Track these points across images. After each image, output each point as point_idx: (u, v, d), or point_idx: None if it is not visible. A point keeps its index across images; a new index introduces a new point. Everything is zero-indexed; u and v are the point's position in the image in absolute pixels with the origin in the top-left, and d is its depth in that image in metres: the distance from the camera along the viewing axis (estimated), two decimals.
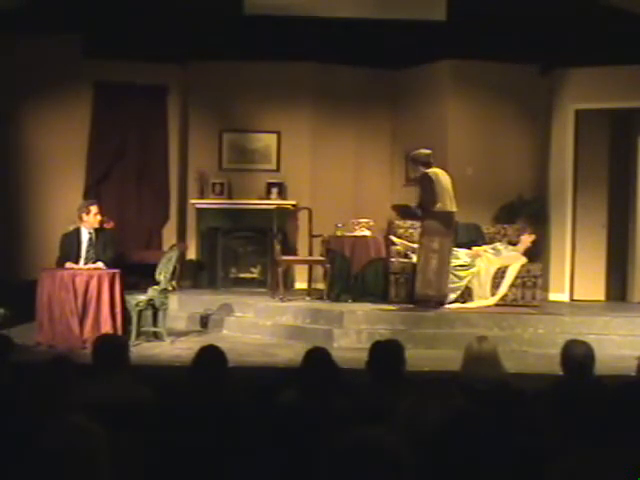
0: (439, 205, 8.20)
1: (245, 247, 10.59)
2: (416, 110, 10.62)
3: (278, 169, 10.55)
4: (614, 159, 10.31)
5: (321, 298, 8.86)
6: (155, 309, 7.96)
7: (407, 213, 8.81)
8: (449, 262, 8.41)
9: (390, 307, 8.34)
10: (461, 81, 10.25)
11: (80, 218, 7.89)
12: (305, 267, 9.93)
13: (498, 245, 9.24)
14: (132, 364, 4.51)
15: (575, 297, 10.16)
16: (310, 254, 9.76)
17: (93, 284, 7.47)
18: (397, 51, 10.07)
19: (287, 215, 10.13)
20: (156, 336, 7.90)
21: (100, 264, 7.73)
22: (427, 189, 8.25)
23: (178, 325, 8.65)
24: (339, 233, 9.11)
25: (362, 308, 8.21)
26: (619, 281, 10.27)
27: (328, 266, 8.90)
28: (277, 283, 9.12)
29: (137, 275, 8.73)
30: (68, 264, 7.71)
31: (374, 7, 9.12)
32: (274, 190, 10.33)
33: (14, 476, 2.43)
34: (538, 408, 3.72)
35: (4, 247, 9.75)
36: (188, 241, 10.38)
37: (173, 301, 8.69)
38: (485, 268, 8.78)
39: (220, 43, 9.74)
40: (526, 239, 9.25)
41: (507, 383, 4.15)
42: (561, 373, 4.22)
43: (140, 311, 7.79)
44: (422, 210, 8.31)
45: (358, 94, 10.66)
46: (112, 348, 4.19)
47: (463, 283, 8.64)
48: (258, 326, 8.39)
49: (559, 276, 10.16)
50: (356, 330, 7.72)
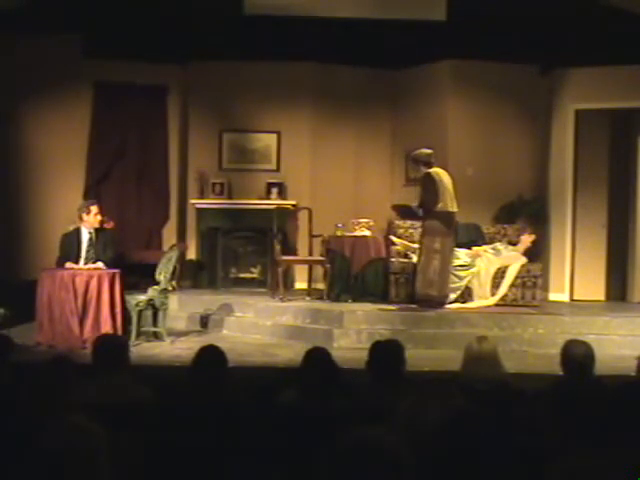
0: (440, 205, 8.19)
1: (245, 247, 10.59)
2: (416, 110, 10.62)
3: (278, 169, 10.55)
4: (614, 159, 10.31)
5: (321, 298, 8.86)
6: (155, 309, 7.96)
7: (407, 213, 8.80)
8: (451, 262, 8.42)
9: (390, 307, 8.34)
10: (461, 81, 10.25)
11: (80, 218, 7.89)
12: (305, 267, 9.93)
13: (498, 245, 9.24)
14: (132, 364, 4.51)
15: (575, 297, 10.15)
16: (310, 254, 9.76)
17: (93, 284, 7.47)
18: (397, 51, 10.07)
19: (287, 215, 10.13)
20: (156, 336, 7.90)
21: (100, 264, 7.73)
22: (429, 189, 8.25)
23: (178, 325, 8.65)
24: (339, 233, 9.11)
25: (362, 308, 8.21)
26: (619, 281, 10.26)
27: (328, 266, 8.89)
28: (277, 283, 9.12)
29: (137, 275, 8.73)
30: (68, 264, 7.71)
31: (374, 7, 9.12)
32: (274, 190, 10.33)
33: (14, 476, 2.43)
34: (538, 408, 3.72)
35: (4, 247, 9.75)
36: (188, 241, 10.38)
37: (173, 301, 8.69)
38: (485, 268, 8.77)
39: (220, 43, 9.74)
40: (526, 239, 9.25)
41: (507, 383, 4.15)
42: (561, 373, 4.22)
43: (140, 311, 7.79)
44: (423, 210, 8.31)
45: (358, 94, 10.66)
46: (112, 348, 4.19)
47: (463, 283, 8.64)
48: (258, 326, 8.39)
49: (559, 276, 10.16)
50: (356, 330, 7.72)
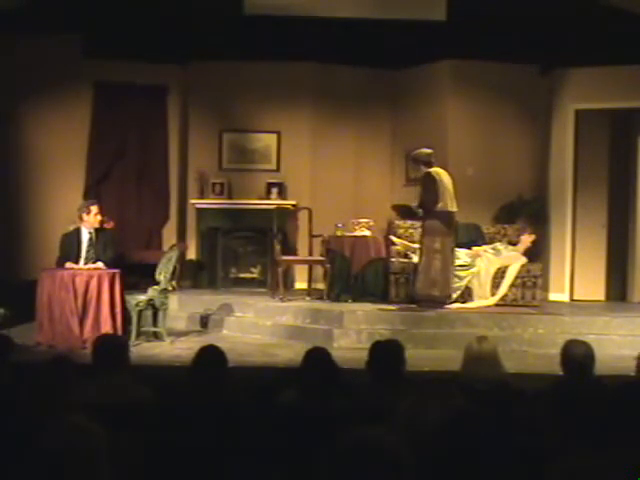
0: (440, 205, 8.19)
1: (245, 247, 10.59)
2: (416, 110, 10.62)
3: (278, 169, 10.55)
4: (614, 159, 10.31)
5: (321, 298, 8.86)
6: (155, 309, 7.95)
7: (407, 213, 8.80)
8: (452, 262, 8.42)
9: (390, 307, 8.33)
10: (461, 81, 10.25)
11: (80, 218, 7.89)
12: (305, 267, 9.93)
13: (498, 245, 9.24)
14: (132, 364, 4.51)
15: (575, 297, 10.15)
16: (310, 254, 9.76)
17: (93, 284, 7.47)
18: (397, 51, 10.07)
19: (287, 215, 10.13)
20: (156, 336, 7.90)
21: (100, 264, 7.73)
22: (429, 188, 8.25)
23: (178, 325, 8.65)
24: (339, 233, 9.11)
25: (362, 308, 8.21)
26: (619, 281, 10.26)
27: (328, 266, 8.89)
28: (277, 283, 9.12)
29: (137, 275, 8.74)
30: (68, 264, 7.71)
31: (374, 7, 9.11)
32: (274, 190, 10.33)
33: (14, 476, 2.43)
34: (538, 408, 3.72)
35: (4, 247, 9.75)
36: (188, 241, 10.38)
37: (173, 301, 8.69)
38: (485, 268, 8.77)
39: (220, 43, 9.74)
40: (526, 239, 9.25)
41: (507, 383, 4.15)
42: (561, 373, 4.22)
43: (140, 311, 7.79)
44: (423, 210, 8.30)
45: (358, 94, 10.66)
46: (112, 348, 4.19)
47: (463, 283, 8.63)
48: (258, 326, 8.39)
49: (559, 276, 10.16)
50: (356, 330, 7.72)
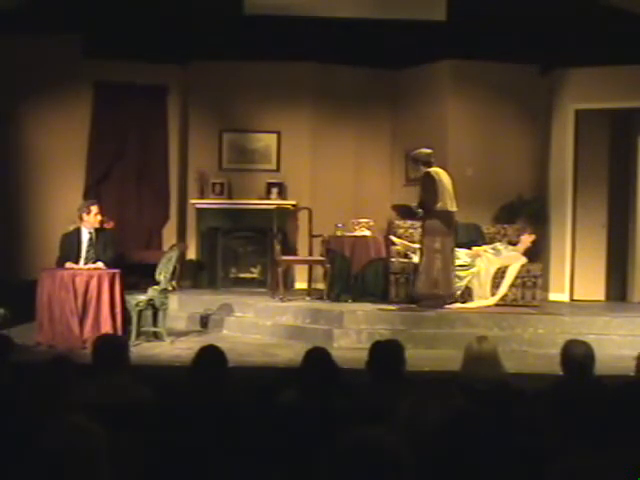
0: (440, 204, 8.20)
1: (245, 247, 10.59)
2: (416, 110, 10.62)
3: (278, 169, 10.55)
4: (614, 159, 10.31)
5: (321, 298, 8.86)
6: (155, 309, 7.95)
7: (407, 213, 8.80)
8: (453, 262, 8.42)
9: (390, 307, 8.33)
10: (461, 81, 10.25)
11: (80, 218, 7.89)
12: (305, 267, 9.93)
13: (498, 245, 9.24)
14: (132, 364, 4.51)
15: (575, 297, 10.15)
16: (310, 254, 9.76)
17: (93, 284, 7.47)
18: (397, 51, 10.07)
19: (287, 215, 10.13)
20: (156, 336, 7.90)
21: (100, 264, 7.73)
22: (428, 188, 8.25)
23: (178, 325, 8.65)
24: (339, 233, 9.11)
25: (362, 308, 8.21)
26: (619, 281, 10.26)
27: (328, 266, 8.89)
28: (277, 283, 9.12)
29: (137, 275, 8.74)
30: (68, 264, 7.71)
31: (374, 7, 9.11)
32: (274, 190, 10.33)
33: (14, 476, 2.43)
34: (538, 408, 3.72)
35: (4, 247, 9.75)
36: (188, 241, 10.38)
37: (173, 301, 8.69)
38: (485, 268, 8.77)
39: (220, 43, 9.74)
40: (526, 239, 9.25)
41: (507, 383, 4.15)
42: (561, 373, 4.22)
43: (140, 311, 7.79)
44: (423, 210, 8.31)
45: (358, 94, 10.66)
46: (112, 348, 4.19)
47: (463, 283, 8.63)
48: (258, 326, 8.39)
49: (559, 276, 10.16)
50: (356, 330, 7.72)
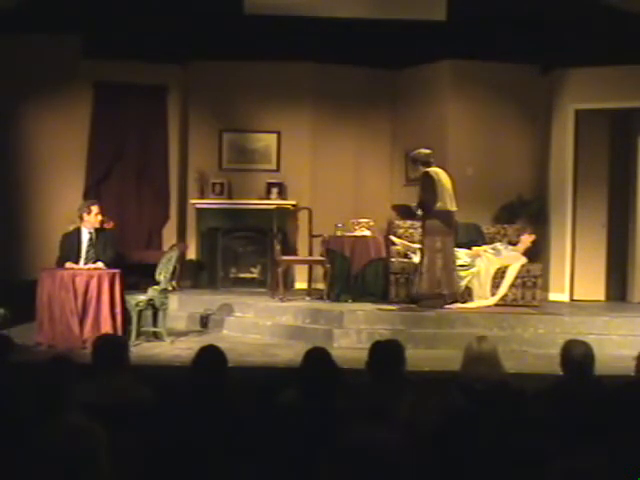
0: (439, 204, 8.20)
1: (245, 247, 10.59)
2: (416, 110, 10.62)
3: (278, 169, 10.55)
4: (614, 159, 10.30)
5: (321, 298, 8.86)
6: (155, 309, 7.95)
7: (407, 213, 8.80)
8: (454, 261, 8.42)
9: (390, 307, 8.33)
10: (461, 81, 10.25)
11: (81, 218, 7.89)
12: (305, 267, 9.93)
13: (498, 245, 9.24)
14: (132, 364, 4.51)
15: (575, 297, 10.14)
16: (310, 254, 9.76)
17: (93, 284, 7.47)
18: (397, 51, 10.07)
19: (287, 215, 10.13)
20: (156, 336, 7.90)
21: (100, 264, 7.73)
22: (428, 188, 8.26)
23: (178, 325, 8.65)
24: (339, 233, 9.11)
25: (362, 308, 8.21)
26: (619, 281, 10.25)
27: (328, 266, 8.89)
28: (277, 283, 9.12)
29: (137, 275, 8.73)
30: (68, 264, 7.71)
31: (374, 7, 9.11)
32: (274, 190, 10.33)
33: (14, 476, 2.43)
34: (538, 408, 3.72)
35: (4, 247, 9.74)
36: (188, 241, 10.38)
37: (173, 301, 8.70)
38: (485, 268, 8.77)
39: (220, 43, 9.75)
40: (526, 239, 9.25)
41: (507, 383, 4.14)
42: (561, 373, 4.22)
43: (140, 311, 7.79)
44: (423, 209, 8.31)
45: (358, 94, 10.66)
46: (112, 348, 4.19)
47: (463, 283, 8.63)
48: (258, 326, 8.39)
49: (559, 276, 10.15)
50: (356, 330, 7.72)
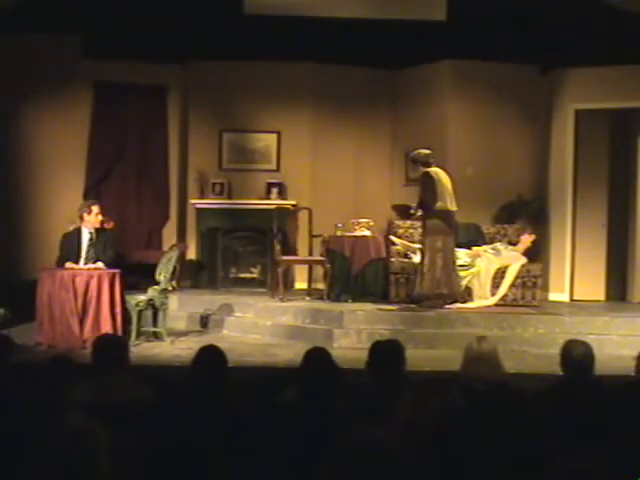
0: (440, 204, 8.21)
1: (245, 247, 10.59)
2: (416, 110, 10.62)
3: (278, 169, 10.55)
4: (614, 159, 10.30)
5: (321, 298, 8.86)
6: (155, 309, 7.96)
7: (407, 213, 8.80)
8: (454, 261, 8.42)
9: (390, 307, 8.33)
10: (461, 81, 10.25)
11: (81, 218, 7.89)
12: (305, 267, 9.93)
13: (498, 245, 9.24)
14: (132, 364, 4.51)
15: (575, 297, 10.14)
16: (310, 254, 9.77)
17: (93, 284, 7.47)
18: (397, 51, 10.07)
19: (287, 215, 10.13)
20: (156, 336, 7.90)
21: (100, 264, 7.73)
22: (428, 188, 8.26)
23: (178, 325, 8.65)
24: (339, 233, 9.11)
25: (362, 308, 8.21)
26: (619, 281, 10.25)
27: (328, 266, 8.89)
28: (277, 283, 9.12)
29: (137, 275, 8.73)
30: (68, 264, 7.71)
31: (374, 7, 9.11)
32: (274, 190, 10.33)
33: (14, 476, 2.43)
34: (538, 408, 3.72)
35: (4, 247, 9.74)
36: (188, 241, 10.38)
37: (173, 301, 8.70)
38: (485, 268, 8.77)
39: (220, 43, 9.75)
40: (526, 239, 9.25)
41: (507, 383, 4.15)
42: (561, 373, 4.22)
43: (140, 311, 7.79)
44: (423, 209, 8.31)
45: (358, 94, 10.66)
46: (112, 348, 4.19)
47: (463, 283, 8.64)
48: (258, 326, 8.39)
49: (559, 276, 10.15)
50: (356, 330, 7.72)
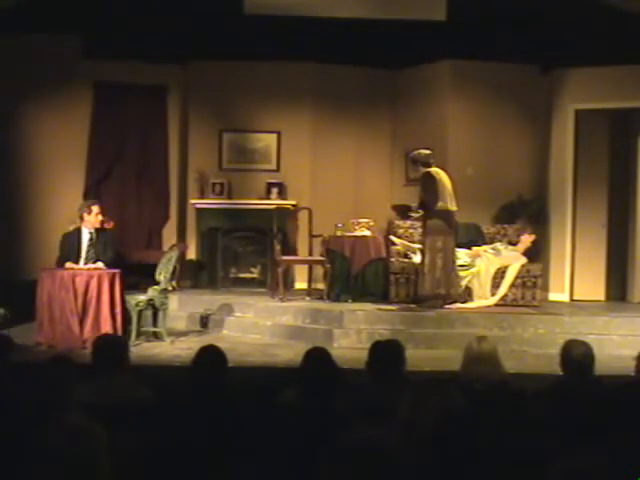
0: (440, 204, 8.21)
1: (245, 247, 10.59)
2: (416, 110, 10.62)
3: (278, 169, 10.55)
4: (614, 159, 10.30)
5: (321, 298, 8.86)
6: (155, 309, 7.96)
7: (407, 213, 8.80)
8: (454, 261, 8.43)
9: (390, 307, 8.33)
10: (461, 81, 10.25)
11: (81, 218, 7.89)
12: (305, 267, 9.93)
13: (498, 245, 9.24)
14: (132, 364, 4.51)
15: (575, 297, 10.14)
16: (310, 254, 9.76)
17: (93, 284, 7.47)
18: (397, 51, 10.07)
19: (287, 215, 10.13)
20: (156, 336, 7.90)
21: (100, 264, 7.73)
22: (429, 188, 8.26)
23: (178, 325, 8.65)
24: (339, 233, 9.11)
25: (362, 308, 8.21)
26: (619, 281, 10.25)
27: (328, 266, 8.89)
28: (277, 283, 9.12)
29: (137, 275, 8.73)
30: (68, 264, 7.71)
31: (374, 7, 9.11)
32: (274, 190, 10.33)
33: (14, 476, 2.43)
34: (538, 408, 3.72)
35: (4, 247, 9.74)
36: (188, 241, 10.38)
37: (173, 301, 8.70)
38: (485, 268, 8.77)
39: (220, 43, 9.75)
40: (526, 239, 9.25)
41: (507, 383, 4.15)
42: (561, 373, 4.22)
43: (140, 311, 7.79)
44: (423, 210, 8.31)
45: (358, 94, 10.66)
46: (112, 348, 4.19)
47: (463, 283, 8.64)
48: (258, 326, 8.39)
49: (559, 276, 10.15)
50: (356, 330, 7.72)
